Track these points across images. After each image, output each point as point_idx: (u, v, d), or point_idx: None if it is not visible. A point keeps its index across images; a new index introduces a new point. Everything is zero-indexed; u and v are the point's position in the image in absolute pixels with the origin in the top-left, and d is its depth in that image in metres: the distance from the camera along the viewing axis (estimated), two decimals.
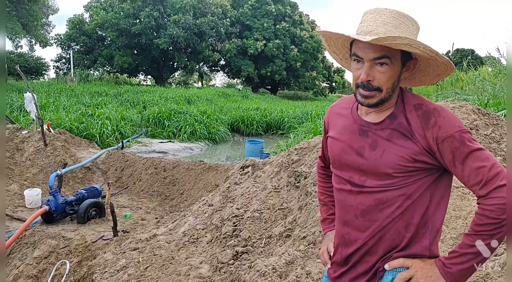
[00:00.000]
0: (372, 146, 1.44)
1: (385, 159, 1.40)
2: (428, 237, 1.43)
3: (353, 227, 1.51)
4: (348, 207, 1.51)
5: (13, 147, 8.58)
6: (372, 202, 1.44)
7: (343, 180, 1.54)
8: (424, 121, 1.36)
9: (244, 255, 3.41)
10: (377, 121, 1.46)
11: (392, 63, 1.36)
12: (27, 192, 6.59)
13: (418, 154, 1.36)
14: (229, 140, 15.63)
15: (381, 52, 1.34)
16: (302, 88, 41.52)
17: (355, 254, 1.51)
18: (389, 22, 1.37)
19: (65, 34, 34.91)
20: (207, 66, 43.46)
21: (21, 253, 5.02)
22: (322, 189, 1.87)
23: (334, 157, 1.58)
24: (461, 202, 2.89)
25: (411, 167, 1.38)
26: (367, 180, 1.45)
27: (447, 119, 1.35)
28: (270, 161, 5.12)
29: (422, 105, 1.40)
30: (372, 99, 1.40)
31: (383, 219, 1.43)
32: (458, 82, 15.40)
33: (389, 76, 1.37)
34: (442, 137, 1.33)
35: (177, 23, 32.13)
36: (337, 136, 1.58)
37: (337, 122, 1.61)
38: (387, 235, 1.44)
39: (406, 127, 1.39)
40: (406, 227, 1.42)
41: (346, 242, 1.54)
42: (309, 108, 19.46)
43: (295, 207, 3.80)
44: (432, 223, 1.43)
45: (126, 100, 18.42)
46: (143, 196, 7.72)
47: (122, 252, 4.07)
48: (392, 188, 1.41)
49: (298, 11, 40.39)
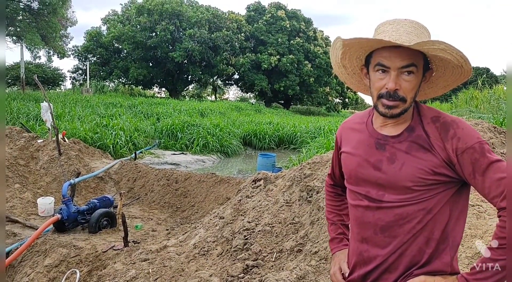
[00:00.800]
0: (390, 159, 1.42)
1: (404, 172, 1.38)
2: (449, 252, 1.40)
3: (373, 243, 1.46)
4: (366, 224, 1.47)
5: (28, 155, 8.68)
6: (391, 218, 1.41)
7: (359, 196, 1.50)
8: (443, 133, 1.35)
9: (255, 269, 3.38)
10: (394, 134, 1.44)
11: (417, 71, 1.36)
12: (40, 200, 6.65)
13: (438, 166, 1.35)
14: (241, 153, 15.63)
15: (409, 60, 1.34)
16: (315, 103, 41.55)
17: (374, 272, 1.47)
18: (411, 32, 1.36)
19: (83, 46, 35.58)
20: (221, 80, 43.77)
21: (32, 260, 5.04)
22: (331, 208, 1.84)
23: (350, 172, 1.55)
24: (477, 221, 2.84)
25: (431, 179, 1.36)
26: (386, 195, 1.42)
27: (466, 130, 1.34)
28: (283, 174, 5.10)
29: (440, 117, 1.39)
30: (396, 110, 1.38)
31: (404, 235, 1.40)
32: (473, 100, 15.27)
33: (414, 85, 1.37)
34: (462, 149, 1.31)
35: (193, 37, 32.55)
36: (352, 151, 1.55)
37: (351, 137, 1.59)
38: (408, 251, 1.41)
39: (425, 139, 1.38)
40: (427, 242, 1.39)
41: (365, 259, 1.49)
42: (321, 124, 19.40)
43: (307, 221, 3.77)
44: (452, 238, 1.40)
45: (140, 112, 18.58)
46: (155, 207, 7.73)
47: (132, 262, 4.06)
48: (412, 202, 1.38)
49: (312, 27, 40.66)
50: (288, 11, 39.33)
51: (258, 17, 39.27)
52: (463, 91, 17.17)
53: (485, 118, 8.02)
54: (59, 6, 23.01)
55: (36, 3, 22.77)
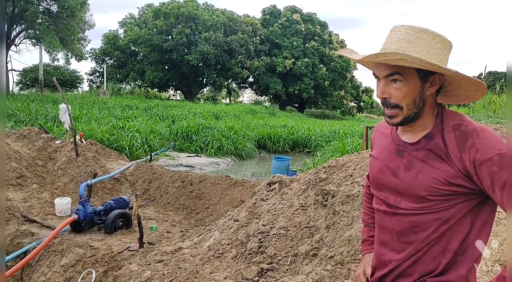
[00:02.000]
0: (407, 167, 1.41)
1: (419, 181, 1.36)
2: (466, 265, 1.36)
3: (390, 248, 1.47)
4: (385, 228, 1.49)
5: (47, 156, 8.82)
6: (406, 225, 1.41)
7: (379, 200, 1.52)
8: (461, 143, 1.30)
9: (269, 272, 3.37)
10: (413, 141, 1.42)
11: (406, 79, 1.33)
12: (58, 201, 6.73)
13: (454, 177, 1.30)
14: (256, 156, 15.64)
15: (391, 69, 1.33)
16: (330, 107, 41.39)
17: (389, 275, 1.48)
18: (403, 39, 1.34)
19: (100, 49, 36.08)
20: (236, 83, 43.91)
21: (49, 260, 5.11)
22: (366, 209, 1.84)
23: (372, 176, 1.57)
24: (496, 228, 2.79)
25: (447, 190, 1.32)
26: (402, 202, 1.42)
27: (487, 141, 1.26)
28: (298, 178, 5.09)
29: (461, 126, 1.33)
30: (396, 119, 1.39)
31: (418, 243, 1.39)
32: (491, 105, 15.04)
33: (405, 93, 1.34)
34: (479, 161, 1.25)
35: (208, 40, 32.74)
36: (377, 156, 1.57)
37: (379, 141, 1.60)
38: (422, 259, 1.39)
39: (442, 148, 1.34)
40: (442, 252, 1.37)
41: (382, 262, 1.51)
42: (336, 127, 19.31)
43: (322, 225, 3.75)
44: (472, 251, 1.36)
45: (156, 114, 18.73)
46: (170, 209, 7.77)
47: (147, 263, 4.08)
48: (427, 212, 1.36)
49: (327, 30, 40.54)
50: (304, 15, 39.32)
51: (273, 20, 39.33)
52: None
53: (504, 123, 7.88)
54: (77, 9, 23.36)
55: (55, 6, 23.13)
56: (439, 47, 1.34)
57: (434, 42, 1.34)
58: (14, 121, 13.39)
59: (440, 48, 1.35)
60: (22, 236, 5.71)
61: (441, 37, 1.35)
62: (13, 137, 9.35)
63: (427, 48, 1.32)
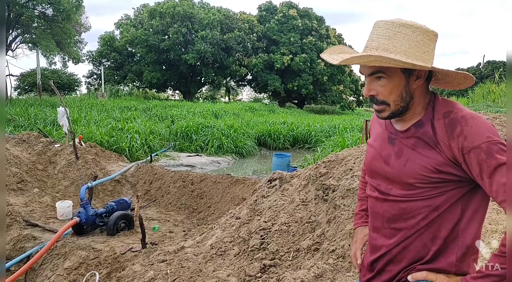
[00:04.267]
0: (397, 154, 1.43)
1: (408, 168, 1.37)
2: (456, 252, 1.36)
3: (381, 234, 1.50)
4: (376, 214, 1.51)
5: (46, 159, 8.82)
6: (396, 211, 1.42)
7: (372, 187, 1.54)
8: (450, 130, 1.30)
9: (272, 268, 3.37)
10: (403, 129, 1.44)
11: (389, 76, 1.34)
12: (59, 204, 6.74)
13: (443, 165, 1.31)
14: (256, 154, 15.62)
15: (373, 68, 1.34)
16: (329, 102, 41.31)
17: (380, 261, 1.50)
18: (383, 35, 1.34)
19: (97, 51, 36.03)
20: (234, 81, 43.85)
21: (52, 263, 5.12)
22: (362, 185, 1.88)
23: (366, 164, 1.59)
24: (497, 216, 2.79)
25: (435, 177, 1.32)
26: (393, 189, 1.44)
27: (475, 128, 1.26)
28: (298, 174, 5.08)
29: (451, 113, 1.32)
30: (384, 113, 1.41)
31: (408, 229, 1.40)
32: (490, 94, 15.04)
33: (390, 89, 1.35)
34: (468, 148, 1.25)
35: (205, 39, 32.68)
36: (372, 143, 1.59)
37: (375, 129, 1.62)
38: (412, 246, 1.41)
39: (431, 136, 1.34)
40: (432, 239, 1.38)
41: (373, 247, 1.54)
42: (336, 122, 19.29)
43: (323, 220, 3.75)
44: (462, 239, 1.36)
45: (155, 114, 18.71)
46: (171, 209, 7.78)
47: (150, 264, 4.09)
48: (417, 199, 1.37)
49: (324, 25, 40.43)
50: (300, 10, 39.19)
51: (269, 16, 39.21)
52: (480, 85, 16.91)
53: (503, 112, 7.87)
54: (73, 12, 23.31)
55: (50, 10, 23.08)
56: (421, 39, 1.33)
57: (414, 35, 1.33)
58: (13, 126, 13.39)
59: (422, 40, 1.33)
60: (25, 240, 5.71)
61: (422, 29, 1.34)
62: (12, 142, 9.36)
63: (408, 42, 1.32)
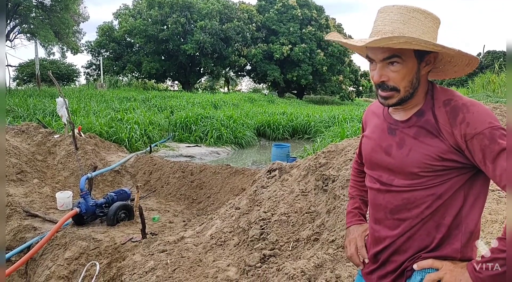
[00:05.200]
0: (399, 145, 1.42)
1: (411, 158, 1.37)
2: (460, 239, 1.37)
3: (384, 225, 1.49)
4: (378, 206, 1.51)
5: (46, 150, 8.81)
6: (400, 202, 1.42)
7: (373, 179, 1.53)
8: (452, 118, 1.30)
9: (272, 258, 3.39)
10: (404, 119, 1.43)
11: (404, 60, 1.33)
12: (59, 195, 6.74)
13: (446, 152, 1.31)
14: (255, 144, 15.63)
15: (389, 52, 1.31)
16: (329, 92, 41.20)
17: (384, 252, 1.50)
18: (397, 19, 1.32)
19: (95, 41, 35.84)
20: (233, 72, 43.70)
21: (52, 254, 5.14)
22: (353, 183, 1.87)
23: (365, 156, 1.58)
24: (497, 206, 2.79)
25: (439, 166, 1.33)
26: (395, 179, 1.43)
27: (477, 114, 1.27)
28: (297, 164, 5.09)
29: (452, 101, 1.33)
30: (392, 100, 1.38)
31: (412, 219, 1.40)
32: (490, 84, 15.02)
33: (404, 75, 1.34)
34: (470, 135, 1.26)
35: (204, 29, 32.49)
36: (369, 135, 1.58)
37: (371, 121, 1.61)
38: (416, 235, 1.41)
39: (433, 124, 1.34)
40: (436, 227, 1.38)
41: (376, 240, 1.53)
42: (335, 113, 19.26)
43: (323, 210, 3.76)
44: (465, 225, 1.37)
45: (154, 105, 18.67)
46: (171, 199, 7.79)
47: (150, 254, 4.10)
48: (420, 188, 1.37)
49: (324, 15, 40.19)
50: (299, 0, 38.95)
51: (269, 6, 38.94)
52: (480, 75, 16.87)
53: (503, 102, 7.86)
54: (71, 2, 23.19)
55: None
56: (431, 25, 1.34)
57: (427, 21, 1.33)
58: (12, 117, 13.36)
59: (432, 26, 1.34)
60: (25, 231, 5.73)
61: (432, 15, 1.34)
62: (11, 133, 9.34)
63: (422, 27, 1.31)
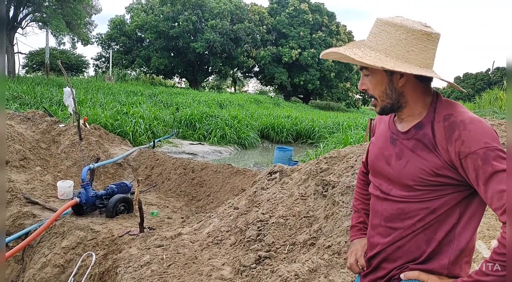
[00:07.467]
0: (398, 156, 1.43)
1: (407, 170, 1.38)
2: (449, 255, 1.36)
3: (377, 232, 1.52)
4: (376, 212, 1.53)
5: (50, 139, 8.86)
6: (395, 211, 1.44)
7: (375, 186, 1.55)
8: (448, 134, 1.29)
9: (267, 260, 3.40)
10: (404, 130, 1.44)
11: (371, 72, 1.41)
12: (60, 184, 6.78)
13: (441, 168, 1.30)
14: (258, 146, 15.64)
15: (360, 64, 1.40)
16: (335, 99, 41.17)
17: (375, 258, 1.53)
18: (372, 32, 1.41)
19: (106, 34, 35.95)
20: (241, 72, 43.73)
21: (50, 242, 5.17)
22: (358, 195, 1.84)
23: (370, 162, 1.60)
24: (495, 222, 2.80)
25: (433, 181, 1.33)
26: (393, 189, 1.45)
27: (473, 133, 1.24)
28: (298, 168, 5.10)
29: (452, 116, 1.31)
30: (376, 108, 1.46)
31: (404, 229, 1.42)
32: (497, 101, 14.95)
33: (374, 85, 1.42)
34: (464, 153, 1.24)
35: (214, 28, 32.55)
36: (375, 142, 1.60)
37: (380, 126, 1.62)
38: (406, 246, 1.42)
39: (430, 139, 1.34)
40: (427, 241, 1.38)
41: (370, 245, 1.56)
42: (340, 119, 19.26)
43: (321, 215, 3.77)
44: (457, 242, 1.36)
45: (160, 101, 18.71)
46: (171, 195, 7.81)
47: (147, 248, 4.12)
48: (415, 201, 1.38)
49: (335, 21, 40.20)
50: (312, 5, 38.96)
51: (280, 9, 39.00)
52: (487, 91, 16.82)
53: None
54: None
55: None
56: (404, 38, 1.34)
57: (397, 34, 1.34)
58: (19, 103, 13.43)
59: (405, 39, 1.34)
60: (24, 217, 5.76)
61: (407, 28, 1.34)
62: (17, 120, 9.40)
63: (390, 40, 1.35)
